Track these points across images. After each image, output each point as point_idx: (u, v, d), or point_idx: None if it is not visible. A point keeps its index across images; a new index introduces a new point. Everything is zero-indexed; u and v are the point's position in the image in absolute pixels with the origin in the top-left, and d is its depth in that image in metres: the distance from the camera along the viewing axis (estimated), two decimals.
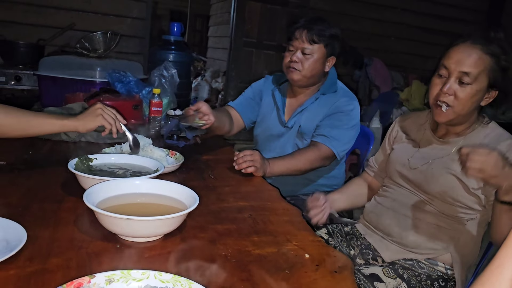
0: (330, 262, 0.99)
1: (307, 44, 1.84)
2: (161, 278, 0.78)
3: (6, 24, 3.72)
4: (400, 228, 1.45)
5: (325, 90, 1.94)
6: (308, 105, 1.95)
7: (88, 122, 1.37)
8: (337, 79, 2.02)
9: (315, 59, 1.86)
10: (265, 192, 1.45)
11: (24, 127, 1.29)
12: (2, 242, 0.88)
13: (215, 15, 6.24)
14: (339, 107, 1.88)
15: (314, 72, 1.89)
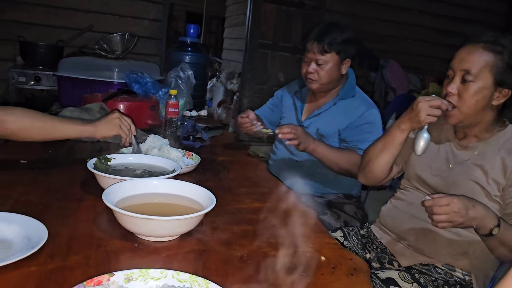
0: (346, 265, 0.99)
1: (319, 55, 1.88)
2: (178, 278, 0.79)
3: (27, 26, 3.79)
4: (417, 232, 1.43)
5: (344, 95, 1.98)
6: (326, 109, 1.98)
7: (105, 130, 1.42)
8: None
9: (329, 67, 1.90)
10: (281, 193, 1.45)
11: (48, 131, 1.34)
12: (24, 240, 0.90)
13: (230, 17, 6.26)
14: (366, 118, 1.90)
15: (331, 79, 1.93)
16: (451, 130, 1.47)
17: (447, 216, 1.17)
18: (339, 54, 1.89)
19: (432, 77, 5.81)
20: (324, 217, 1.75)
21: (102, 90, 2.38)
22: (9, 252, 0.87)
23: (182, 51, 2.94)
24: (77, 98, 2.29)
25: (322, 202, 1.89)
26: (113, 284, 0.75)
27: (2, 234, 0.93)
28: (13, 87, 3.52)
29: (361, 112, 1.91)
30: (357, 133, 1.89)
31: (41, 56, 3.60)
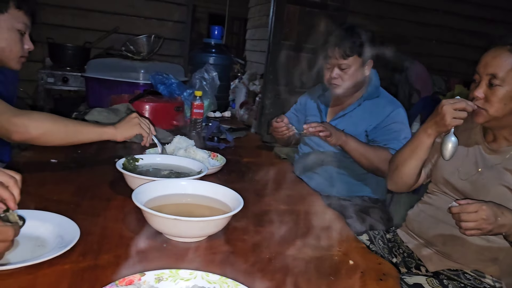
0: (375, 270, 0.97)
1: (341, 60, 1.88)
2: (208, 279, 0.79)
3: (56, 28, 3.88)
4: (445, 238, 1.40)
5: (368, 96, 1.97)
6: (351, 110, 1.98)
7: (126, 131, 1.43)
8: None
9: (353, 71, 1.90)
10: (307, 196, 1.45)
11: (69, 135, 1.35)
12: (58, 238, 0.92)
13: (253, 18, 6.27)
14: (394, 118, 1.88)
15: (355, 82, 1.93)
16: (480, 133, 1.43)
17: (475, 223, 1.15)
18: (361, 57, 1.89)
19: (457, 79, 5.70)
20: (349, 221, 1.73)
21: (128, 91, 2.41)
22: (44, 250, 0.89)
23: (206, 53, 2.96)
24: (104, 98, 2.33)
25: (348, 205, 1.88)
26: (144, 284, 0.76)
27: (36, 232, 0.95)
28: (42, 88, 3.62)
29: (388, 112, 1.90)
30: (386, 133, 1.87)
31: (69, 58, 3.68)
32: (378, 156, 1.80)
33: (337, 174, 1.97)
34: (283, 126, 1.84)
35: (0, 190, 0.86)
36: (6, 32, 1.44)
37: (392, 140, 1.84)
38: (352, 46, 1.86)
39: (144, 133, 1.46)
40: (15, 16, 1.44)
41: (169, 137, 1.86)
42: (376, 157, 1.80)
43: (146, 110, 2.09)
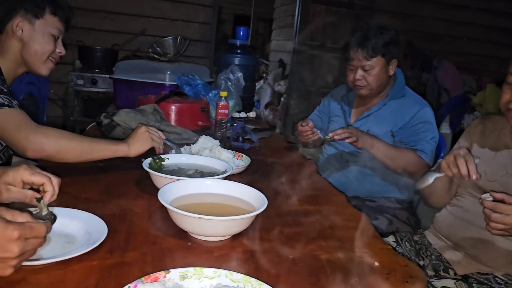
0: (401, 272, 0.96)
1: (364, 61, 1.85)
2: (232, 278, 0.80)
3: (85, 31, 3.98)
4: (474, 240, 1.37)
5: (393, 95, 1.94)
6: (376, 110, 1.95)
7: (139, 147, 1.41)
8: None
9: (377, 71, 1.87)
10: (332, 196, 1.44)
11: (84, 153, 1.35)
12: (86, 235, 0.95)
13: (278, 19, 6.27)
14: (421, 118, 1.85)
15: (379, 82, 1.90)
16: (511, 136, 1.39)
17: (504, 226, 1.11)
18: (384, 57, 1.86)
19: (489, 78, 5.53)
20: (375, 222, 1.70)
21: (155, 92, 2.45)
22: (73, 246, 0.91)
23: (231, 53, 2.98)
24: (131, 99, 2.38)
25: (373, 206, 1.85)
26: (169, 281, 0.77)
27: (66, 229, 0.98)
28: (72, 90, 3.72)
29: (414, 112, 1.86)
30: (412, 133, 1.84)
31: (97, 60, 3.77)
32: (405, 157, 1.76)
33: (362, 174, 1.95)
34: (308, 130, 1.83)
35: (47, 182, 0.97)
36: (41, 37, 1.49)
37: (419, 141, 1.80)
38: (375, 47, 1.83)
39: (156, 144, 1.46)
40: (50, 21, 1.49)
41: (194, 137, 1.88)
42: (402, 159, 1.76)
43: (172, 111, 2.12)
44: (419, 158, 1.77)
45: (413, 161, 1.76)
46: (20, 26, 1.44)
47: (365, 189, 1.96)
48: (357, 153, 1.94)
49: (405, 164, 1.76)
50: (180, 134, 1.93)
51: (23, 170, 0.98)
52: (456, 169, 1.22)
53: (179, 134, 1.93)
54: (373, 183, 1.95)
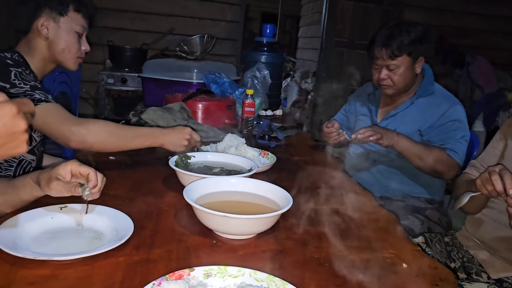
0: (430, 274, 0.93)
1: (389, 60, 1.80)
2: (256, 277, 0.79)
3: (116, 31, 4.06)
4: (508, 242, 1.32)
5: (421, 93, 1.88)
6: (404, 108, 1.90)
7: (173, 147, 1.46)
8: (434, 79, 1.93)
9: (402, 70, 1.82)
10: (359, 195, 1.41)
11: (122, 143, 1.42)
12: (113, 232, 0.96)
13: (305, 16, 6.22)
14: (451, 116, 1.79)
15: (406, 81, 1.85)
16: None
17: None
18: (410, 55, 1.79)
19: None
20: (405, 223, 1.66)
21: (182, 90, 2.47)
22: (100, 242, 0.93)
23: (258, 51, 2.96)
24: (159, 98, 2.40)
25: (403, 206, 1.81)
26: (193, 279, 0.77)
27: (94, 225, 1.00)
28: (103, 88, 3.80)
29: (443, 110, 1.80)
30: (442, 132, 1.78)
31: (127, 59, 3.84)
32: (434, 156, 1.70)
33: (390, 174, 1.91)
34: (333, 132, 1.80)
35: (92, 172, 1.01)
36: (66, 34, 1.52)
37: (449, 140, 1.74)
38: (400, 46, 1.77)
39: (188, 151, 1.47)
40: (74, 19, 1.52)
41: (220, 135, 1.88)
42: (431, 158, 1.70)
43: (198, 109, 2.13)
44: (448, 157, 1.71)
45: (442, 160, 1.70)
46: (45, 25, 1.47)
47: (393, 190, 1.91)
48: (384, 152, 1.90)
49: (434, 163, 1.70)
50: (206, 132, 1.93)
51: (73, 162, 1.01)
52: (491, 187, 1.17)
53: (206, 132, 1.93)
54: (401, 183, 1.90)
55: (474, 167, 1.57)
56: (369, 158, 1.99)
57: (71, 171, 1.00)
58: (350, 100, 2.23)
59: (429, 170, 1.74)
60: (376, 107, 2.02)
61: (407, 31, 1.78)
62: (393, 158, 1.87)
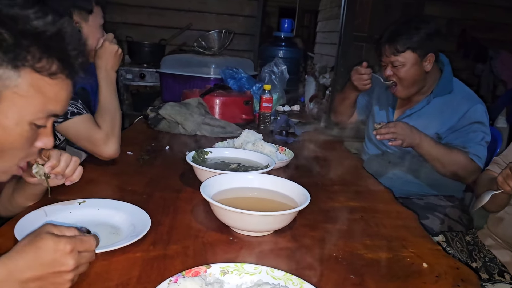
0: (452, 274, 0.90)
1: (392, 56, 1.76)
2: (273, 275, 0.79)
3: (134, 26, 4.09)
4: None
5: (438, 92, 1.81)
6: (419, 108, 1.85)
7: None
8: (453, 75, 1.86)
9: (408, 67, 1.76)
10: (377, 193, 1.39)
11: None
12: (130, 227, 0.97)
13: (324, 10, 6.15)
14: (471, 117, 1.72)
15: (412, 79, 1.79)
16: None
17: None
18: (416, 51, 1.73)
19: None
20: (425, 221, 1.62)
21: (200, 85, 2.47)
22: (118, 238, 0.93)
23: (275, 46, 2.95)
24: (177, 93, 2.41)
25: (422, 204, 1.77)
26: (209, 276, 0.77)
27: (111, 220, 1.00)
28: (122, 84, 3.83)
29: (464, 110, 1.73)
30: (462, 134, 1.71)
31: (145, 55, 3.86)
32: (456, 161, 1.65)
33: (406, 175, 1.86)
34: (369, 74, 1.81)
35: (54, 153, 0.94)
36: (96, 31, 1.50)
37: (470, 143, 1.67)
38: (403, 42, 1.72)
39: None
40: (97, 13, 1.50)
41: (238, 130, 1.88)
42: (453, 163, 1.65)
43: (216, 104, 2.13)
44: (471, 162, 1.65)
45: (465, 166, 1.64)
46: (76, 26, 1.44)
47: (411, 187, 1.87)
48: (401, 155, 1.85)
49: (456, 168, 1.65)
50: (224, 128, 1.93)
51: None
52: None
53: (223, 128, 1.93)
54: (419, 185, 1.85)
55: (497, 164, 1.52)
56: (383, 160, 1.94)
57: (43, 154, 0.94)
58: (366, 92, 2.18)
59: (449, 174, 1.69)
60: (392, 108, 1.96)
61: (415, 28, 1.73)
62: (409, 160, 1.82)
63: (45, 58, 0.74)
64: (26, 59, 0.72)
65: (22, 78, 0.73)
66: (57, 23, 0.75)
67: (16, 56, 0.72)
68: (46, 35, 0.74)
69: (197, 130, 1.89)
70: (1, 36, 0.70)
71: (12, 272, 0.67)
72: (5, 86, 0.73)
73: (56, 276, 0.70)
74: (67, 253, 0.70)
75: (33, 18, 0.73)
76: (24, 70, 0.73)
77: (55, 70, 0.76)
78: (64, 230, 0.74)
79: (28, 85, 0.74)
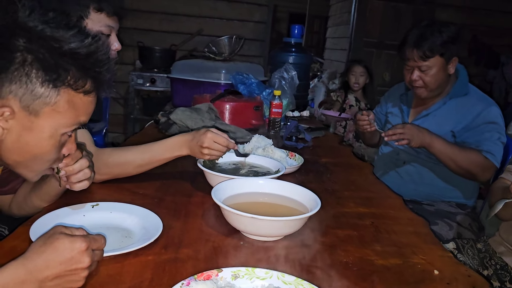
0: (463, 282, 0.90)
1: (421, 61, 1.76)
2: (284, 279, 0.79)
3: (145, 32, 4.14)
4: None
5: (454, 93, 1.83)
6: (436, 109, 1.86)
7: (195, 153, 1.32)
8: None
9: (435, 72, 1.77)
10: (387, 199, 1.38)
11: (144, 166, 1.32)
12: (142, 230, 0.98)
13: (334, 16, 6.16)
14: (486, 117, 1.73)
15: (438, 82, 1.80)
16: None
17: None
18: (443, 56, 1.74)
19: None
20: (434, 227, 1.62)
21: (210, 90, 2.49)
22: (130, 241, 0.95)
23: (285, 52, 2.96)
24: (187, 98, 2.43)
25: (432, 210, 1.76)
26: (221, 280, 0.78)
27: (124, 223, 1.02)
28: (133, 89, 3.87)
29: (477, 112, 1.74)
30: (476, 134, 1.72)
31: (156, 60, 3.90)
32: (469, 159, 1.66)
33: (420, 176, 1.87)
34: (365, 120, 1.83)
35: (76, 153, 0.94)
36: None
37: (484, 141, 1.68)
38: (432, 47, 1.72)
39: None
40: (96, 20, 1.37)
41: (248, 136, 1.89)
42: (466, 160, 1.66)
43: (226, 110, 2.14)
44: (484, 159, 1.66)
45: (478, 163, 1.65)
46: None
47: (424, 193, 1.87)
48: (414, 153, 1.86)
49: (469, 165, 1.66)
50: (234, 133, 1.94)
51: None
52: None
53: (233, 133, 1.94)
54: (432, 185, 1.86)
55: (510, 172, 1.51)
56: (398, 159, 1.95)
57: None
58: (381, 102, 2.20)
59: (463, 172, 1.69)
60: (408, 107, 1.98)
61: (439, 31, 1.73)
62: (423, 159, 1.83)
63: (82, 78, 0.80)
64: (66, 79, 0.78)
65: (61, 96, 0.79)
66: (94, 44, 0.80)
67: (58, 77, 0.77)
68: (84, 56, 0.79)
69: None
70: (43, 57, 0.76)
71: (32, 272, 0.70)
72: (45, 104, 0.79)
73: (73, 274, 0.73)
74: (83, 250, 0.73)
75: (73, 40, 0.78)
76: (63, 89, 0.79)
77: (89, 88, 0.82)
78: (74, 230, 0.77)
79: (65, 102, 0.81)
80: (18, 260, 0.71)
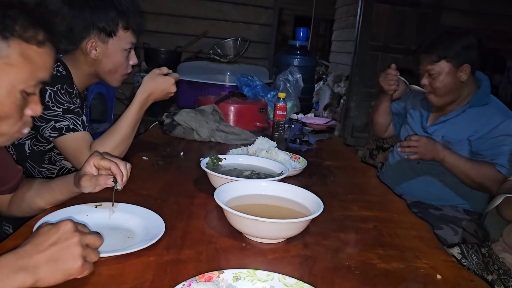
0: (466, 287, 0.89)
1: (429, 65, 1.79)
2: (285, 282, 0.79)
3: (151, 34, 4.15)
4: None
5: (474, 102, 1.82)
6: (454, 116, 1.85)
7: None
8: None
9: (443, 77, 1.78)
10: (391, 203, 1.38)
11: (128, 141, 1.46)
12: (144, 231, 0.98)
13: (339, 19, 6.16)
14: (504, 129, 1.72)
15: (448, 88, 1.80)
16: None
17: None
18: (450, 61, 1.75)
19: None
20: (439, 232, 1.61)
21: (215, 92, 2.50)
22: (132, 241, 0.95)
23: (291, 54, 2.97)
24: (192, 100, 2.44)
25: (438, 215, 1.75)
26: (222, 282, 0.78)
27: (126, 224, 1.02)
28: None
29: (496, 123, 1.73)
30: (492, 146, 1.71)
31: (162, 61, 3.91)
32: (482, 173, 1.66)
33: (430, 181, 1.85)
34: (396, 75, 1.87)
35: (113, 166, 0.97)
36: (114, 55, 1.45)
37: (500, 155, 1.67)
38: (440, 51, 1.74)
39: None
40: (122, 37, 1.44)
41: (252, 138, 1.89)
42: (479, 175, 1.66)
43: (230, 112, 2.14)
44: (498, 173, 1.65)
45: (492, 177, 1.64)
46: (93, 46, 1.41)
47: (434, 195, 1.86)
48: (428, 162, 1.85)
49: (482, 179, 1.66)
50: (238, 135, 1.94)
51: (94, 157, 0.99)
52: None
53: (237, 135, 1.95)
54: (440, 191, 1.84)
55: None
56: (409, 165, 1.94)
57: (94, 165, 0.99)
58: (402, 99, 2.21)
59: (476, 186, 1.70)
60: (427, 112, 1.98)
61: (452, 39, 1.76)
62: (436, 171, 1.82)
63: (32, 27, 0.77)
64: (15, 30, 0.76)
65: (12, 48, 0.77)
66: None
67: (5, 27, 0.75)
68: (31, 5, 0.78)
69: (212, 137, 1.91)
70: None
71: (23, 257, 0.70)
72: None
73: (66, 252, 0.72)
74: (70, 228, 0.73)
75: None
76: (13, 40, 0.77)
77: (42, 39, 0.79)
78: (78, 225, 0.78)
79: (17, 54, 0.77)
80: (8, 253, 0.71)
